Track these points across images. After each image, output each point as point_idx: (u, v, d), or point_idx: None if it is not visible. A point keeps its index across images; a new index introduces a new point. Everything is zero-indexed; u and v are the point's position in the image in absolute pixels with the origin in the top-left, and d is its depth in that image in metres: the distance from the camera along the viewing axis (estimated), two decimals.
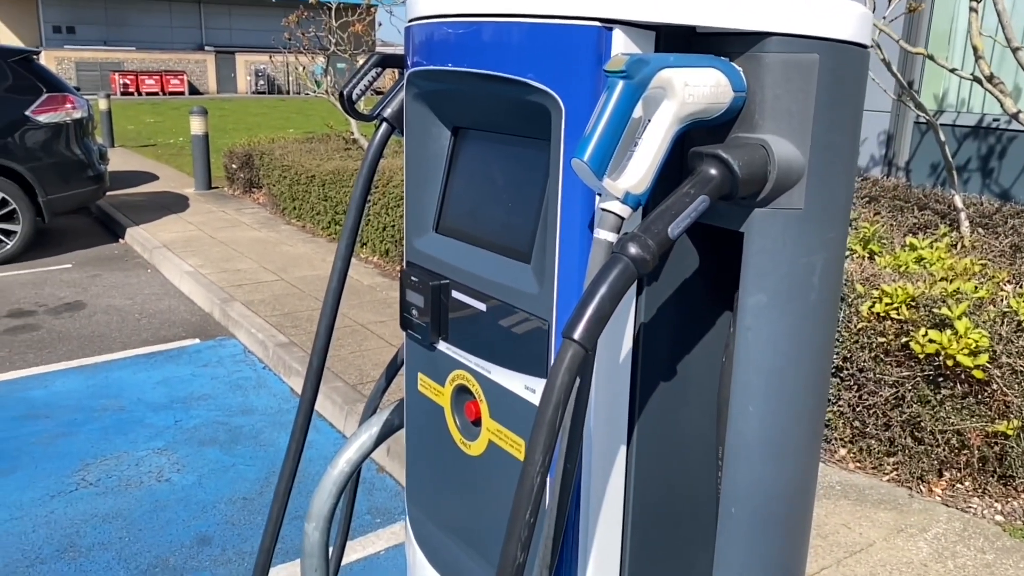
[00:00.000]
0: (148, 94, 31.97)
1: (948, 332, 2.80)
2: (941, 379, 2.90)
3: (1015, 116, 3.54)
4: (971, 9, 3.75)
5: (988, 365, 2.77)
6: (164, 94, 32.34)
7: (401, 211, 5.66)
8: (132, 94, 31.50)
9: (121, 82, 31.47)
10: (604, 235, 0.96)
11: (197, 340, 4.87)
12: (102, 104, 13.51)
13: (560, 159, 1.06)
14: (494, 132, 1.28)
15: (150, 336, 4.91)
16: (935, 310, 2.90)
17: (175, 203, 8.69)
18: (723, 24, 0.99)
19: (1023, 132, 5.14)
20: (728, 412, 1.11)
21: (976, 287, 3.05)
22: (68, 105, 6.80)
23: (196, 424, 3.76)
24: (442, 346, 1.35)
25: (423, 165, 1.37)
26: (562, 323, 1.10)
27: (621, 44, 1.00)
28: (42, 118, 6.61)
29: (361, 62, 1.49)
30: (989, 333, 2.78)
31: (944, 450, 2.95)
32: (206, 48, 36.19)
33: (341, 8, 7.76)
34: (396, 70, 1.57)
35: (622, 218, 0.96)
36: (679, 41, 1.05)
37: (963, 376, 2.86)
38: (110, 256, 6.85)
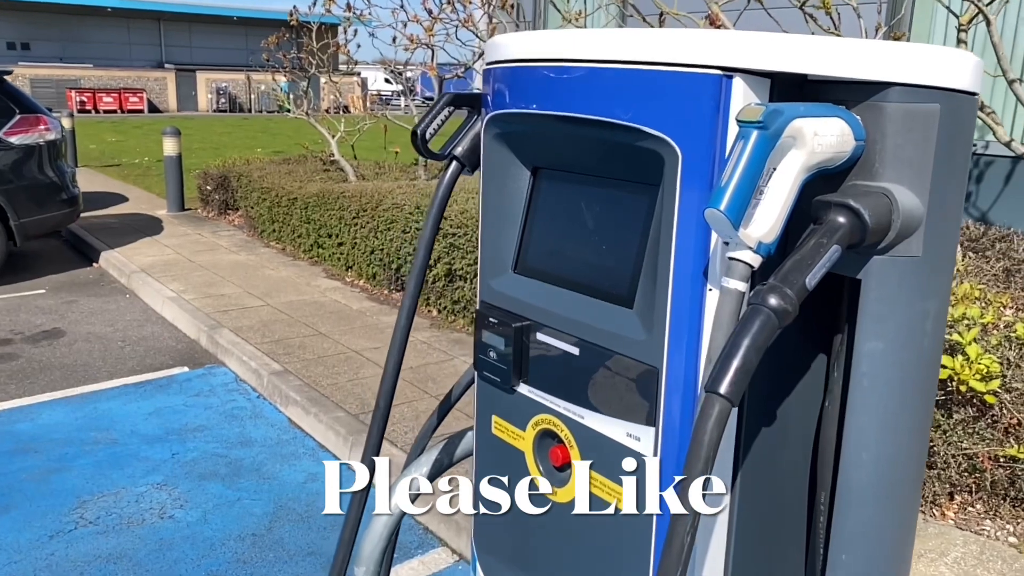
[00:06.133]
0: (106, 112, 31.39)
1: (960, 357, 2.84)
2: (952, 404, 2.95)
3: (1008, 144, 3.64)
4: (959, 41, 3.85)
5: (998, 390, 2.82)
6: (123, 112, 31.78)
7: (391, 236, 5.61)
8: (89, 112, 30.88)
9: (78, 99, 30.85)
10: (734, 284, 0.95)
11: (186, 368, 4.75)
12: (65, 123, 13.20)
13: (675, 205, 1.05)
14: (579, 173, 1.26)
15: (136, 365, 4.78)
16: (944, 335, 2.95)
17: (148, 225, 8.52)
18: (844, 74, 0.99)
19: (1000, 157, 5.30)
20: (838, 457, 1.10)
21: (981, 312, 3.11)
22: (41, 127, 6.65)
23: (194, 457, 3.66)
24: (523, 389, 1.32)
25: (501, 205, 1.35)
26: (673, 370, 1.09)
27: (740, 92, 1.00)
28: (15, 140, 6.44)
29: (433, 101, 1.47)
30: (999, 358, 2.84)
31: (955, 474, 2.99)
32: (166, 66, 35.68)
33: (322, 28, 7.71)
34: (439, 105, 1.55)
35: (752, 267, 0.95)
36: (792, 88, 1.05)
37: (974, 401, 2.90)
38: (85, 281, 6.68)
